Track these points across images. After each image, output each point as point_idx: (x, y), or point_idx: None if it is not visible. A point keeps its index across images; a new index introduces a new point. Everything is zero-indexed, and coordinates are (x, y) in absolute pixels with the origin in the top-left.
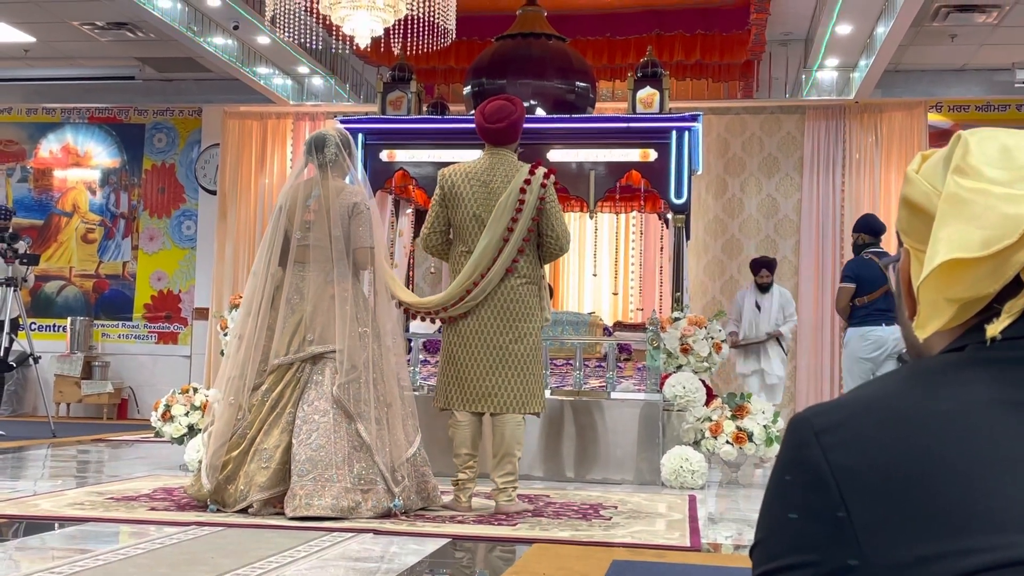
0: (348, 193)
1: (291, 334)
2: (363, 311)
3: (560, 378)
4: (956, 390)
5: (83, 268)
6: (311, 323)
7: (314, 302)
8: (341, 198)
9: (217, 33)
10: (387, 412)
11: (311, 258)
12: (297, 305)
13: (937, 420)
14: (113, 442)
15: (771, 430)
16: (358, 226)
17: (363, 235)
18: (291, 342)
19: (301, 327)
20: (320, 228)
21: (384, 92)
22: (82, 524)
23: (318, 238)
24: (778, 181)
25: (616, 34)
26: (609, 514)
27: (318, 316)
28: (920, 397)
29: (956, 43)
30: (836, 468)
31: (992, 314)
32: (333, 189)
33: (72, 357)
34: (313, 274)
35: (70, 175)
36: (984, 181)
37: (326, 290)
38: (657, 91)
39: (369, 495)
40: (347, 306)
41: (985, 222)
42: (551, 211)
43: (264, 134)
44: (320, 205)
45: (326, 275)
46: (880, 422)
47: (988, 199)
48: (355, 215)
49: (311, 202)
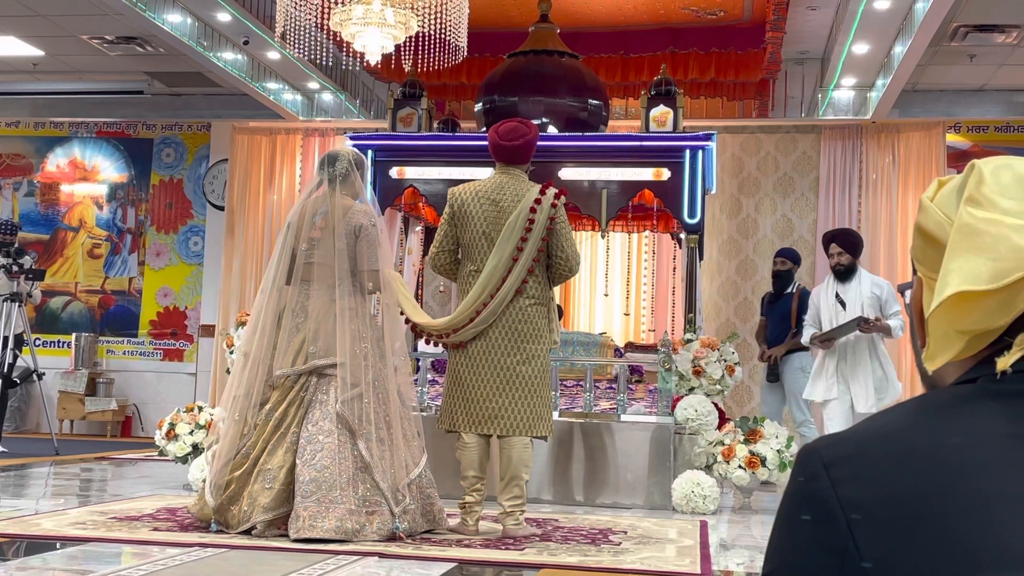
0: (356, 212)
1: (295, 352)
2: (367, 329)
3: (570, 399)
4: (968, 423)
5: (89, 284)
6: (314, 338)
7: (318, 319)
8: (348, 217)
9: (227, 48)
10: (389, 432)
11: (316, 276)
12: (302, 323)
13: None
14: (117, 460)
15: (785, 455)
16: (365, 248)
17: (370, 257)
18: (295, 360)
19: (305, 344)
20: (326, 246)
21: (395, 108)
22: (84, 544)
23: (324, 256)
24: (793, 201)
25: (630, 51)
26: (619, 539)
27: (321, 332)
28: (932, 430)
29: (975, 63)
30: (845, 502)
31: (1004, 346)
32: (340, 207)
33: (76, 373)
34: (317, 292)
35: (77, 190)
36: (997, 211)
37: (331, 308)
38: (671, 109)
39: (374, 517)
40: (347, 322)
41: (996, 254)
42: (561, 232)
43: (273, 150)
44: (327, 222)
45: (330, 293)
46: (891, 455)
47: (1000, 230)
48: (362, 236)
49: (318, 219)
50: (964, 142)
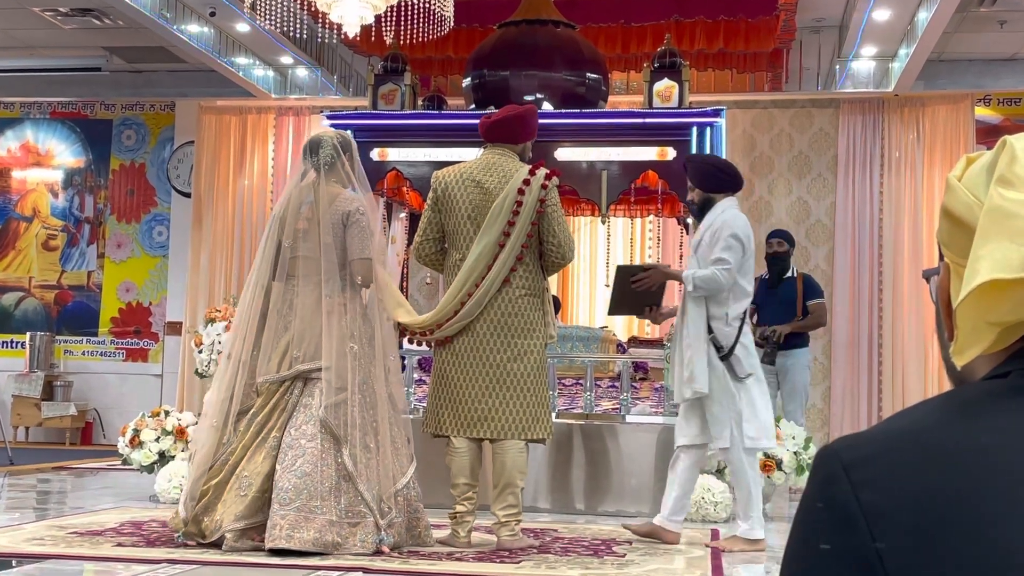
0: (343, 200)
1: (280, 356)
2: (358, 327)
3: (569, 400)
4: (998, 421)
5: (44, 278)
6: (300, 340)
7: (304, 317)
8: (335, 206)
9: (192, 20)
10: (376, 439)
11: (301, 271)
12: (289, 323)
13: (976, 455)
14: (76, 470)
15: (802, 457)
16: (353, 236)
17: (358, 246)
18: (279, 365)
19: (289, 348)
20: (312, 239)
21: (375, 85)
22: (42, 562)
23: (310, 249)
24: (810, 182)
25: (631, 20)
26: (623, 550)
27: (307, 332)
28: (959, 430)
29: (1006, 30)
30: (867, 506)
31: None
32: (327, 196)
33: (31, 376)
34: (304, 288)
35: (30, 176)
36: None
37: (318, 306)
38: (676, 83)
39: (357, 528)
40: (334, 320)
41: None
42: (552, 215)
43: (244, 130)
44: (312, 213)
45: (318, 289)
46: (915, 457)
47: None
48: (350, 224)
49: (304, 209)
50: (994, 116)
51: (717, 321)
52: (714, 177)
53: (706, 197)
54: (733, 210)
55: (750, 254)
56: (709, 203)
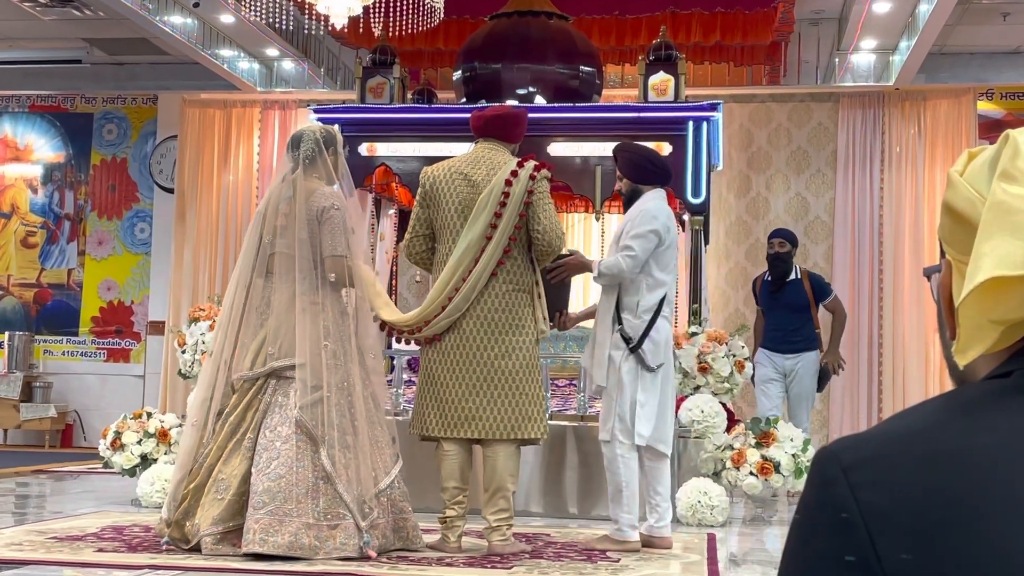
0: (318, 196)
1: (255, 353)
2: (335, 324)
3: (562, 401)
4: (1000, 422)
5: (23, 276)
6: (274, 337)
7: (279, 315)
8: (311, 201)
9: (175, 11)
10: (356, 439)
11: (279, 268)
12: (265, 320)
13: (978, 456)
14: (56, 474)
15: (801, 460)
16: (325, 234)
17: (329, 243)
18: (254, 362)
19: (264, 344)
20: (289, 235)
21: (363, 78)
22: (20, 568)
23: (286, 245)
24: (808, 178)
25: (625, 12)
26: (617, 556)
27: (283, 330)
28: (959, 430)
29: (1009, 22)
30: (866, 508)
31: None
32: (304, 191)
33: (9, 377)
34: (280, 285)
35: (8, 171)
36: None
37: (292, 302)
38: (672, 76)
39: (337, 531)
40: (308, 319)
41: None
42: (539, 203)
43: (228, 124)
44: (290, 209)
45: (293, 285)
46: (915, 458)
47: None
48: (324, 220)
49: (283, 205)
50: (997, 110)
51: (627, 312)
52: (643, 168)
53: (633, 188)
54: (656, 201)
55: (669, 246)
56: (636, 194)
